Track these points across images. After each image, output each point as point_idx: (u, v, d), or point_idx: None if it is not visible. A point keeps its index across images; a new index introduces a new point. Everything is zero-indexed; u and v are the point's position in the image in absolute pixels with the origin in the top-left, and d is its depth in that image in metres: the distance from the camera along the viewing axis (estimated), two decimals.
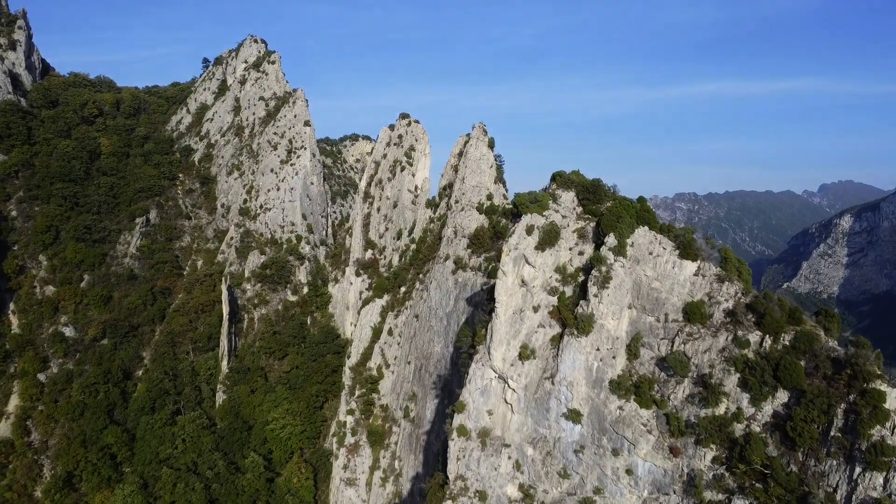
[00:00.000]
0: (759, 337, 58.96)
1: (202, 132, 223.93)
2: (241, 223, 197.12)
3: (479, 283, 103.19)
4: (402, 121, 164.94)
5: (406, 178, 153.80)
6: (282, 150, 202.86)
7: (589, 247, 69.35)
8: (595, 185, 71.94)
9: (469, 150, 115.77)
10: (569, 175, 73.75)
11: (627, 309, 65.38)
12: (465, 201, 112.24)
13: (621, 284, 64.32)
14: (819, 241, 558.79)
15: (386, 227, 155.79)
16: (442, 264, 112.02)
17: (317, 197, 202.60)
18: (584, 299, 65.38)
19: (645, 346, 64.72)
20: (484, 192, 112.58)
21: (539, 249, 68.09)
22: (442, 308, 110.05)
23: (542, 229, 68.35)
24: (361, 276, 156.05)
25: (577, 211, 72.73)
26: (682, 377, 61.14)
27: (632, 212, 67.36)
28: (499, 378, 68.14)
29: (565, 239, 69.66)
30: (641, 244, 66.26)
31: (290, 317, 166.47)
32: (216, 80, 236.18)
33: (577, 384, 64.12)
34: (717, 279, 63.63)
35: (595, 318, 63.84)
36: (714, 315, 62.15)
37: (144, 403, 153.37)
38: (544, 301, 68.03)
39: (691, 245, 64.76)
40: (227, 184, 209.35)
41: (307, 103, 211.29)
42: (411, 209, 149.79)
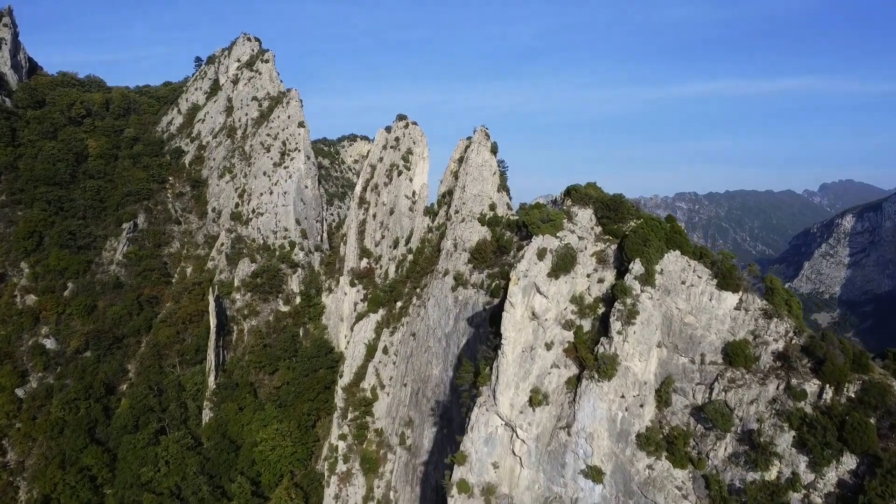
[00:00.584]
0: (818, 387, 48.77)
1: (193, 133, 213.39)
2: (233, 228, 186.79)
3: (481, 301, 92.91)
4: (398, 122, 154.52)
5: (403, 183, 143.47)
6: (275, 153, 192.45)
7: (610, 273, 59.05)
8: (616, 202, 61.59)
9: (470, 155, 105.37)
10: (585, 189, 63.39)
11: (656, 348, 55.17)
12: (466, 211, 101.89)
13: (649, 319, 54.10)
14: (821, 241, 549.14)
15: (382, 235, 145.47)
16: (441, 280, 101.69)
17: (311, 201, 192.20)
18: (606, 336, 55.17)
19: (678, 393, 54.52)
20: (486, 201, 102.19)
21: (552, 276, 57.82)
22: (441, 328, 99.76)
23: (556, 253, 58.08)
24: (356, 286, 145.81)
25: (596, 231, 62.35)
26: (723, 432, 50.96)
27: (660, 233, 57.11)
28: (506, 426, 57.91)
29: (582, 264, 59.37)
30: (672, 272, 56.03)
31: (281, 328, 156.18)
32: (208, 80, 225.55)
33: (599, 437, 53.90)
34: (762, 314, 53.41)
35: (619, 360, 53.64)
36: (761, 358, 51.93)
37: (127, 421, 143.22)
38: (559, 337, 57.80)
39: (731, 273, 54.52)
40: (218, 187, 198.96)
41: (301, 104, 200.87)
42: (409, 216, 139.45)
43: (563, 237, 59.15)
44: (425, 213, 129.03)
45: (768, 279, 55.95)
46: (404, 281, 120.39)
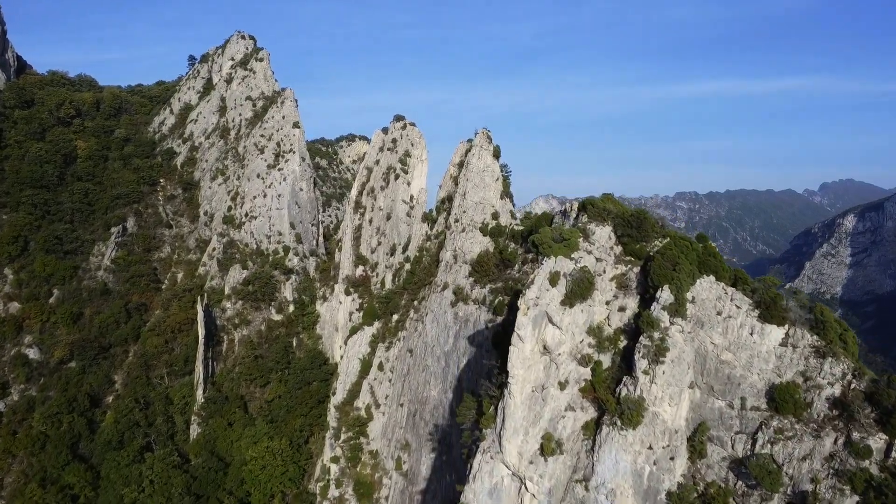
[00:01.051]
0: (885, 443, 40.65)
1: (185, 134, 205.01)
2: (225, 232, 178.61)
3: (482, 319, 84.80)
4: (396, 123, 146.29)
5: (401, 187, 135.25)
6: (269, 154, 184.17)
7: (632, 301, 50.90)
8: (639, 218, 53.26)
9: (471, 160, 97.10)
10: (602, 203, 55.07)
11: (688, 389, 47.07)
12: (467, 220, 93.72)
13: (681, 357, 45.98)
14: (822, 240, 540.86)
15: (378, 242, 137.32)
16: (439, 294, 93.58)
17: (306, 204, 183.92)
18: (630, 375, 47.07)
19: (714, 442, 46.40)
20: (488, 210, 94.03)
21: (567, 305, 49.60)
22: (439, 345, 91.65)
23: (571, 278, 49.84)
24: (351, 294, 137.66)
25: (616, 252, 54.03)
26: (770, 492, 42.86)
27: (691, 255, 48.95)
28: (513, 476, 49.79)
29: (601, 290, 51.20)
30: (706, 301, 47.88)
31: (273, 338, 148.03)
32: (201, 79, 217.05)
33: (622, 494, 45.78)
34: (814, 352, 45.25)
35: (646, 404, 45.54)
36: (814, 405, 43.80)
37: (112, 436, 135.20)
38: (574, 374, 49.67)
39: (776, 303, 46.38)
40: (210, 190, 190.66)
41: (296, 103, 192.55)
42: (406, 222, 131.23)
43: (579, 259, 50.92)
44: (423, 219, 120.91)
45: (818, 310, 47.71)
46: (401, 292, 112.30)
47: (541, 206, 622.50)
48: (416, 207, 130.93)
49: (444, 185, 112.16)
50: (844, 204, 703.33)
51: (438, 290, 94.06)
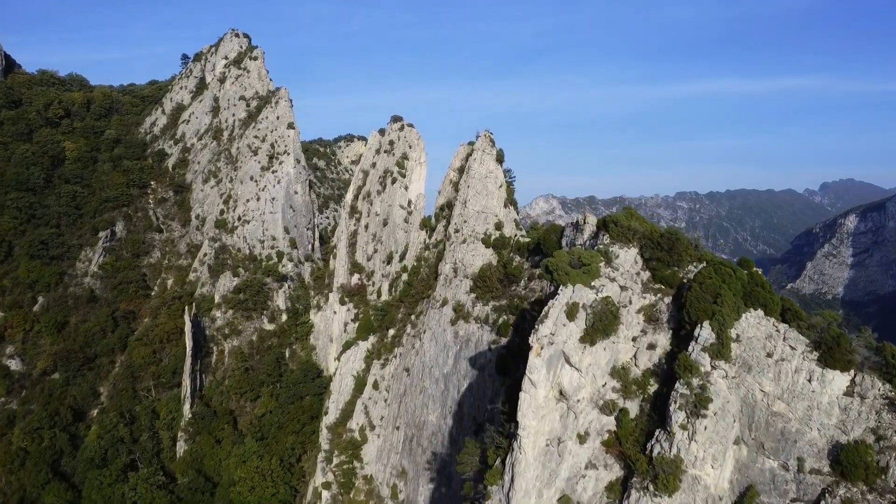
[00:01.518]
0: None
1: (177, 135, 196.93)
2: (217, 237, 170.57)
3: (485, 339, 76.82)
4: (393, 124, 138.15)
5: (398, 191, 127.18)
6: (262, 156, 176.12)
7: (664, 337, 42.87)
8: (670, 239, 45.05)
9: (472, 165, 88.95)
10: (627, 221, 46.88)
11: (734, 446, 39.08)
12: (468, 231, 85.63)
13: (725, 408, 38.02)
14: (823, 241, 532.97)
15: (375, 249, 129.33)
16: (438, 310, 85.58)
17: (301, 207, 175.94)
18: (664, 429, 39.08)
19: None
20: (491, 219, 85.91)
21: (587, 342, 41.55)
22: (438, 367, 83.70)
23: (592, 310, 41.77)
24: (346, 304, 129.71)
25: (643, 279, 45.85)
26: None
27: (735, 285, 40.82)
28: None
29: (627, 324, 43.15)
30: (754, 340, 39.84)
31: (265, 349, 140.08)
32: (194, 78, 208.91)
33: None
34: (887, 405, 37.23)
35: (684, 465, 37.56)
36: (890, 470, 35.83)
37: (94, 453, 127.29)
38: (596, 424, 41.67)
39: (840, 344, 38.34)
40: (202, 192, 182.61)
41: (291, 103, 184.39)
42: (404, 228, 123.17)
43: (601, 288, 42.82)
44: (422, 226, 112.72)
45: (889, 351, 39.60)
46: (397, 305, 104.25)
47: (541, 206, 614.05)
48: (413, 213, 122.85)
49: (444, 190, 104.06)
50: (845, 204, 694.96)
51: (437, 305, 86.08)
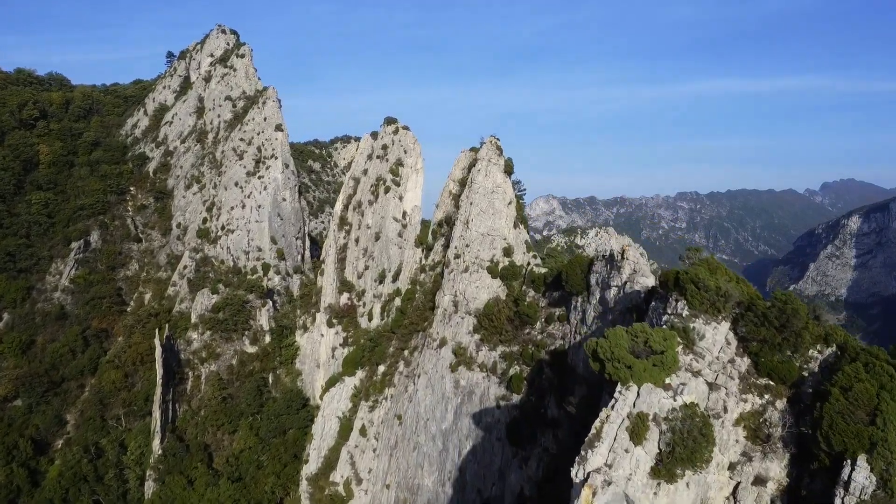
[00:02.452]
0: None
1: (159, 137, 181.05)
2: (199, 247, 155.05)
3: (492, 394, 61.31)
4: (387, 127, 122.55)
5: (391, 201, 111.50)
6: (248, 160, 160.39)
7: (778, 466, 27.32)
8: (782, 309, 29.43)
9: (476, 177, 73.20)
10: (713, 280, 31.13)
11: None
12: (471, 257, 70.01)
13: None
14: (826, 242, 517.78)
15: (366, 265, 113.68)
16: (435, 351, 70.07)
17: (290, 216, 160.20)
18: None
19: None
20: (499, 243, 70.23)
21: (663, 477, 26.14)
22: (435, 421, 68.18)
23: (670, 426, 26.37)
24: (335, 327, 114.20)
25: (741, 369, 30.31)
26: None
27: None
28: None
29: (721, 444, 27.65)
30: None
31: (246, 374, 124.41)
32: (178, 77, 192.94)
33: None
34: None
35: None
36: None
37: (54, 494, 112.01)
38: None
39: None
40: (184, 199, 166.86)
41: (279, 104, 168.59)
42: (397, 244, 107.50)
43: (680, 388, 27.26)
44: (417, 243, 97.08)
45: None
46: (389, 336, 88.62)
47: (541, 207, 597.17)
48: (409, 227, 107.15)
49: (442, 203, 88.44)
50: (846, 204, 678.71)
51: (434, 345, 70.57)
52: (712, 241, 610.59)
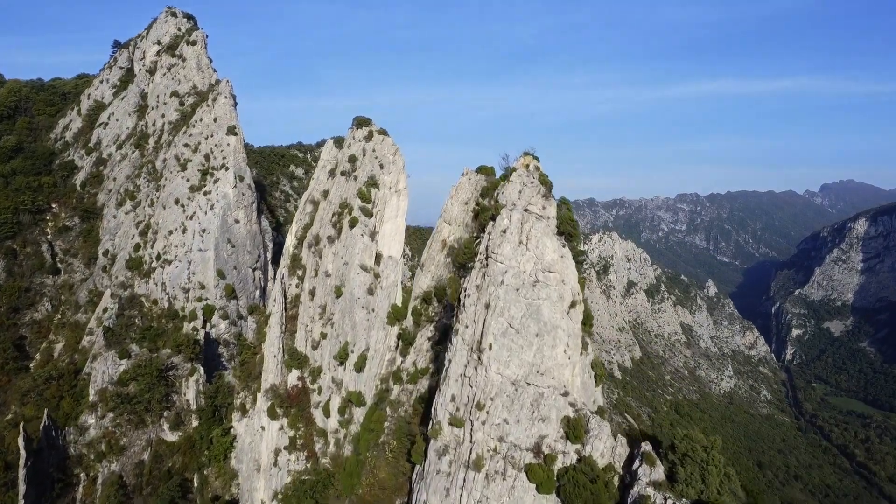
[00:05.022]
0: None
1: (92, 142, 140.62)
2: (129, 282, 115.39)
3: None
4: (356, 131, 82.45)
5: (359, 240, 71.44)
6: (193, 171, 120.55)
7: None
8: None
9: (501, 244, 33.19)
10: None
11: None
12: (491, 438, 30.02)
13: None
14: (832, 245, 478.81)
15: (323, 333, 73.66)
16: None
17: (245, 241, 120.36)
18: None
19: None
20: (553, 405, 30.50)
21: None
22: None
23: None
24: (279, 419, 74.35)
25: None
26: None
27: None
28: None
29: None
30: None
31: (161, 475, 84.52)
32: (119, 70, 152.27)
33: None
34: None
35: None
36: None
37: None
38: None
39: None
40: (115, 220, 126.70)
41: (234, 100, 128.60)
42: (365, 306, 67.58)
43: None
44: (392, 319, 56.94)
45: None
46: (347, 487, 48.52)
47: None
48: (382, 282, 67.14)
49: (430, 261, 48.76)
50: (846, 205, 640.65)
51: None
52: (713, 243, 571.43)
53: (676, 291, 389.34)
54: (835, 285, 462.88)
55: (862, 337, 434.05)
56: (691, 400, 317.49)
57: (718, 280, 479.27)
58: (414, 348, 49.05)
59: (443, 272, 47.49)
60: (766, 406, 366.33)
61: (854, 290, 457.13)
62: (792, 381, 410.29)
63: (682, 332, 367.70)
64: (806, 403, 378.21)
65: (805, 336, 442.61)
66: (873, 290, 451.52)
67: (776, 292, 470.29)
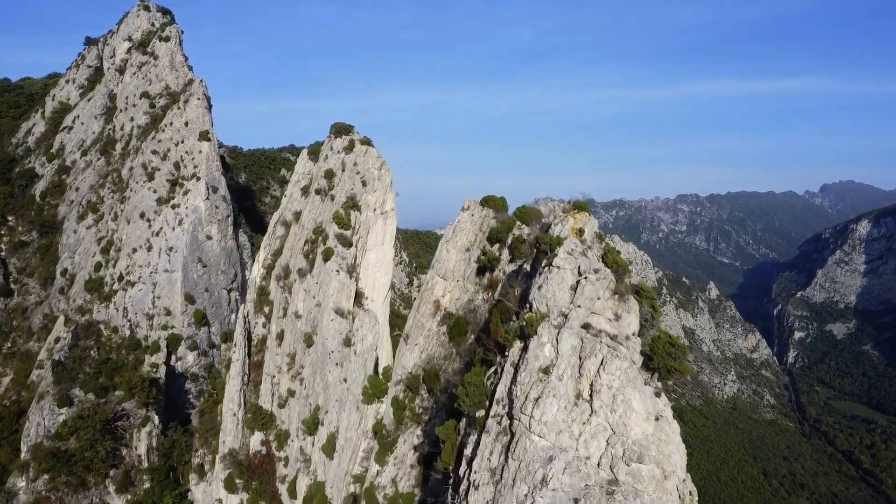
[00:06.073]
0: None
1: (55, 148, 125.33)
2: (87, 306, 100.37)
3: None
4: (335, 140, 67.34)
5: (334, 277, 56.48)
6: (161, 181, 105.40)
7: None
8: None
9: (550, 371, 18.22)
10: None
11: None
12: None
13: None
14: (834, 247, 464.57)
15: (290, 390, 58.71)
16: None
17: (218, 260, 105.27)
18: None
19: None
20: None
21: None
22: None
23: None
24: (237, 492, 59.35)
25: None
26: None
27: None
28: None
29: None
30: None
31: None
32: (87, 68, 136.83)
33: None
34: None
35: None
36: None
37: None
38: None
39: None
40: (75, 235, 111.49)
41: (208, 102, 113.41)
42: (340, 362, 52.67)
43: None
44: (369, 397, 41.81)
45: None
46: None
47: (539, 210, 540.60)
48: (358, 345, 52.05)
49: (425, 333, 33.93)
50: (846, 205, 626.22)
51: None
52: (713, 244, 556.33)
53: (678, 294, 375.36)
54: (837, 287, 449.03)
55: (865, 340, 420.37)
56: (695, 406, 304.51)
57: (719, 281, 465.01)
58: (394, 457, 34.61)
59: (435, 348, 32.99)
60: (769, 411, 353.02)
61: (857, 292, 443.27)
62: (794, 385, 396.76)
63: (685, 336, 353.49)
64: (809, 408, 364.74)
65: (807, 339, 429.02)
66: (876, 292, 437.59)
67: (778, 294, 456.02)
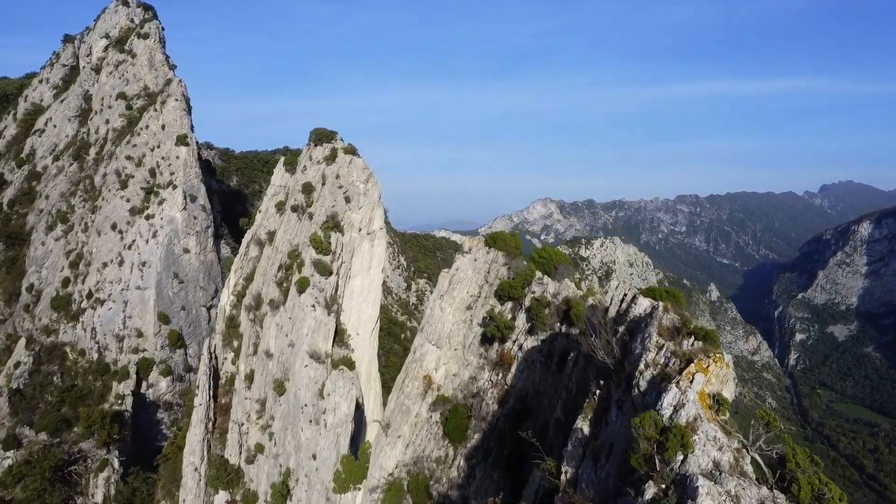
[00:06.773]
0: None
1: (25, 152, 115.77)
2: (54, 326, 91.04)
3: None
4: (314, 149, 58.04)
5: (309, 314, 47.18)
6: (134, 189, 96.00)
7: None
8: None
9: None
10: None
11: None
12: None
13: None
14: (835, 248, 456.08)
15: (259, 445, 49.38)
16: None
17: (196, 275, 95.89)
18: None
19: None
20: None
21: None
22: None
23: None
24: None
25: None
26: None
27: None
28: None
29: None
30: None
31: None
32: (61, 67, 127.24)
33: None
34: None
35: None
36: None
37: None
38: None
39: None
40: (43, 248, 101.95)
41: (188, 103, 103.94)
42: (315, 418, 43.38)
43: None
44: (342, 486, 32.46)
45: None
46: None
47: (538, 211, 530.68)
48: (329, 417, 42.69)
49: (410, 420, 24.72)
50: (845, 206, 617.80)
51: None
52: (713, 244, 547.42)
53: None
54: (838, 289, 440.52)
55: (867, 342, 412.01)
56: None
57: (719, 282, 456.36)
58: None
59: (425, 442, 23.85)
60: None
61: (858, 293, 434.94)
62: (796, 388, 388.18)
63: None
64: (811, 411, 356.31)
65: (809, 341, 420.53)
66: (878, 293, 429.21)
67: (778, 295, 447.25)
